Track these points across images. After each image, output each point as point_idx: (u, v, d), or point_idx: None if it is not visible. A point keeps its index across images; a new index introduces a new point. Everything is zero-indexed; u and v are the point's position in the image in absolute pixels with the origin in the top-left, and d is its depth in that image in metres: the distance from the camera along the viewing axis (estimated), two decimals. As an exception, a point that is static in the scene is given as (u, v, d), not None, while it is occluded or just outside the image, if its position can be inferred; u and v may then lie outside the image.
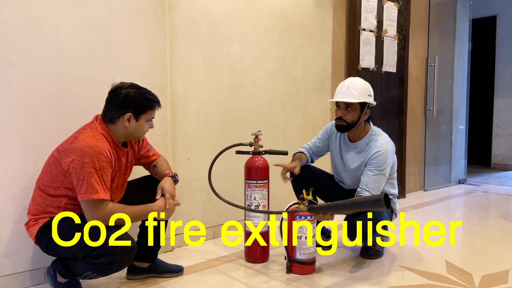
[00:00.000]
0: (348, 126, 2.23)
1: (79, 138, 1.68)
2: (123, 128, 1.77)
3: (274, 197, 2.66)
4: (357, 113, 2.20)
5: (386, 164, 2.17)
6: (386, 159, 2.17)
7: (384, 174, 2.17)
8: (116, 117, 1.75)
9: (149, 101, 1.78)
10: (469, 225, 3.12)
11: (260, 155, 2.28)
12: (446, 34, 4.53)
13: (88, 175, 1.62)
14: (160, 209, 1.82)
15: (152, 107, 1.81)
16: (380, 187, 2.16)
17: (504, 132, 5.85)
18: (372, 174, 2.15)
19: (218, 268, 2.22)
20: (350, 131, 2.28)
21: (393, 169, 2.33)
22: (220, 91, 2.72)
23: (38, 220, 1.74)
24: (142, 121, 1.79)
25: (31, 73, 1.91)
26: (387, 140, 2.25)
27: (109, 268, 1.68)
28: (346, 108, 2.20)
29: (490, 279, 2.07)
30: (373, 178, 2.15)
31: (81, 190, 1.63)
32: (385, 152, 2.18)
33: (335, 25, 3.42)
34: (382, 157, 2.16)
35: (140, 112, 1.77)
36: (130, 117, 1.75)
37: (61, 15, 1.98)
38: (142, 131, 1.83)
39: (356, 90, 2.17)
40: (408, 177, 4.15)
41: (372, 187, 2.13)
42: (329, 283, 2.02)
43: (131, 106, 1.75)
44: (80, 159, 1.62)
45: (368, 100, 2.20)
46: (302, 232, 2.08)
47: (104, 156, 1.67)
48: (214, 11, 2.64)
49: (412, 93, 4.15)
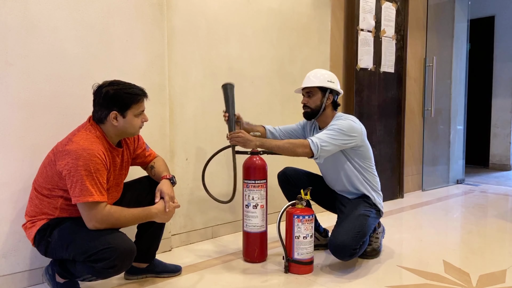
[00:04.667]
0: (313, 112, 2.28)
1: (74, 140, 1.67)
2: (113, 127, 1.75)
3: (272, 197, 2.67)
4: (318, 98, 2.26)
5: (341, 128, 2.14)
6: (343, 125, 2.16)
7: (333, 129, 2.14)
8: (103, 117, 1.73)
9: (130, 95, 1.73)
10: (467, 225, 3.13)
11: (258, 155, 2.28)
12: (444, 34, 4.53)
13: (82, 178, 1.60)
14: (160, 212, 1.80)
15: (136, 101, 1.75)
16: (325, 138, 2.11)
17: (502, 132, 5.86)
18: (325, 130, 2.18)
19: (216, 268, 2.23)
20: (319, 119, 2.31)
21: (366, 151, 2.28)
22: (218, 91, 2.71)
23: (35, 222, 1.73)
24: (130, 117, 1.75)
25: (29, 73, 1.91)
26: (352, 117, 2.27)
27: (108, 272, 1.67)
28: (307, 95, 2.28)
29: (488, 278, 2.07)
30: (324, 132, 2.16)
31: (75, 192, 1.61)
32: (344, 120, 2.19)
33: (333, 25, 3.42)
34: (339, 121, 2.19)
35: (125, 108, 1.73)
36: (116, 115, 1.72)
37: (59, 15, 1.98)
38: (133, 126, 1.79)
39: (315, 78, 2.28)
40: (406, 177, 4.15)
41: (318, 136, 2.13)
42: (327, 283, 2.02)
43: (114, 104, 1.71)
44: (74, 162, 1.61)
45: (329, 85, 2.25)
46: (300, 232, 2.09)
47: (98, 158, 1.65)
48: (212, 11, 2.64)
49: (410, 93, 4.16)
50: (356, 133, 2.19)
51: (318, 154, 2.10)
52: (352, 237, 2.08)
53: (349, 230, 2.11)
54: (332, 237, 2.14)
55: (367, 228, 2.18)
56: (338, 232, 2.14)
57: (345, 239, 2.08)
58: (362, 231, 2.13)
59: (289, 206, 2.16)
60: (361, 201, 2.29)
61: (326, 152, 2.12)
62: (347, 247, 2.07)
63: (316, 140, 2.10)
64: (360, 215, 2.19)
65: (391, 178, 3.86)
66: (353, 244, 2.08)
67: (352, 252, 2.09)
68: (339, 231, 2.14)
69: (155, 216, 1.80)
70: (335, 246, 2.10)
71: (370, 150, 2.33)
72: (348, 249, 2.07)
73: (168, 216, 1.86)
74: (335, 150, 2.17)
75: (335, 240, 2.10)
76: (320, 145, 2.09)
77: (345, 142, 2.16)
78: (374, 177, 2.35)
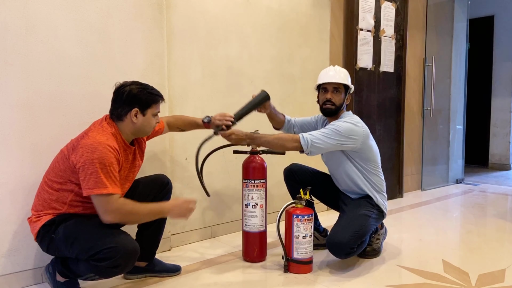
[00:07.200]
0: (336, 109, 2.25)
1: (89, 135, 1.71)
2: (131, 124, 1.81)
3: (272, 197, 2.67)
4: (342, 95, 2.26)
5: (338, 128, 2.12)
6: (342, 126, 2.14)
7: (330, 129, 2.12)
8: (124, 114, 1.79)
9: (152, 95, 1.83)
10: (466, 224, 3.13)
11: (257, 155, 2.28)
12: (443, 34, 4.54)
13: (97, 170, 1.63)
14: (174, 208, 1.83)
15: (156, 101, 1.85)
16: (319, 136, 2.10)
17: (502, 132, 5.86)
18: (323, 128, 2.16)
19: (215, 267, 2.23)
20: (331, 118, 2.29)
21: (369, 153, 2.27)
22: (217, 90, 2.72)
23: (41, 216, 1.74)
24: (149, 115, 1.83)
25: (28, 72, 1.91)
26: (356, 118, 2.25)
27: (112, 272, 1.68)
28: (334, 91, 2.24)
29: (487, 278, 2.08)
30: (320, 130, 2.14)
31: (89, 184, 1.63)
32: (347, 122, 2.17)
33: (333, 25, 3.43)
34: (339, 122, 2.17)
35: (145, 107, 1.81)
36: (137, 112, 1.79)
37: (58, 14, 1.98)
38: (150, 125, 1.86)
39: (342, 74, 2.27)
40: (406, 177, 4.15)
41: (312, 132, 2.11)
42: (326, 282, 2.02)
43: (136, 102, 1.79)
44: (89, 155, 1.64)
45: (350, 85, 2.28)
46: (300, 232, 2.09)
47: (112, 153, 1.69)
48: (211, 11, 2.64)
49: (410, 93, 4.16)
50: (355, 136, 2.16)
51: (309, 149, 2.09)
52: (349, 236, 2.08)
53: (348, 228, 2.11)
54: (330, 235, 2.14)
55: (367, 228, 2.18)
56: (336, 230, 2.14)
57: (343, 237, 2.08)
58: (361, 231, 2.13)
59: (288, 205, 2.16)
60: (363, 201, 2.29)
61: (317, 148, 2.10)
62: (344, 246, 2.08)
63: (307, 135, 2.09)
64: (361, 215, 2.20)
65: (391, 178, 3.86)
66: (350, 243, 2.08)
67: (349, 251, 2.09)
68: (338, 229, 2.15)
69: (169, 211, 1.82)
70: (332, 244, 2.10)
71: (375, 152, 2.31)
72: (345, 247, 2.08)
73: (183, 211, 1.83)
74: (330, 149, 2.16)
75: (332, 238, 2.11)
76: (310, 141, 2.08)
77: (341, 142, 2.14)
78: (379, 179, 2.33)
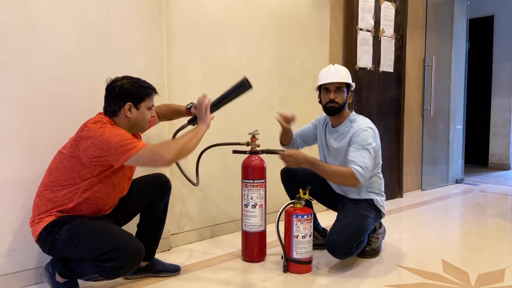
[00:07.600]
0: (339, 108, 2.25)
1: (90, 127, 1.68)
2: (126, 119, 1.79)
3: (271, 197, 2.67)
4: (344, 94, 2.26)
5: (369, 141, 2.13)
6: (369, 137, 2.15)
7: (368, 150, 2.12)
8: (117, 109, 1.77)
9: (144, 88, 1.81)
10: (466, 224, 3.13)
11: (257, 155, 2.28)
12: (443, 34, 4.54)
13: (113, 142, 1.60)
14: (208, 127, 1.89)
15: (149, 94, 1.83)
16: (367, 161, 2.09)
17: (501, 132, 5.87)
18: (356, 149, 2.14)
19: (215, 267, 2.23)
20: (334, 117, 2.30)
21: (378, 155, 2.29)
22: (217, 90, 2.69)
23: (43, 218, 1.71)
24: (143, 109, 1.82)
25: (28, 72, 1.91)
26: (368, 121, 2.26)
27: (117, 273, 1.67)
28: (336, 91, 2.24)
29: (486, 278, 2.07)
30: (358, 153, 2.12)
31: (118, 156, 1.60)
32: (367, 130, 2.17)
33: (332, 25, 3.43)
34: (364, 134, 2.16)
35: (139, 101, 1.79)
36: (131, 106, 1.78)
37: (58, 14, 1.98)
38: (146, 119, 1.85)
39: (344, 72, 2.27)
40: (406, 177, 4.15)
41: (360, 160, 2.08)
42: (325, 282, 2.02)
43: (129, 96, 1.77)
44: (99, 136, 1.62)
45: (352, 83, 2.29)
46: (299, 231, 2.09)
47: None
48: (211, 11, 2.64)
49: (410, 93, 4.16)
50: (376, 138, 2.20)
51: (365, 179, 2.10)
52: (348, 236, 2.08)
53: (346, 229, 2.11)
54: (328, 235, 2.14)
55: (365, 229, 2.18)
56: (334, 230, 2.14)
57: (341, 237, 2.08)
58: (359, 231, 2.14)
59: (288, 205, 2.16)
60: (361, 201, 2.28)
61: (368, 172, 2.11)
62: (342, 246, 2.08)
63: (357, 168, 2.05)
64: (359, 215, 2.20)
65: (390, 178, 3.86)
66: (349, 243, 2.08)
67: (348, 251, 2.10)
68: (336, 229, 2.15)
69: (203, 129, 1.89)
70: (330, 244, 2.10)
71: (379, 152, 2.31)
72: (343, 247, 2.08)
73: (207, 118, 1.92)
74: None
75: (330, 238, 2.11)
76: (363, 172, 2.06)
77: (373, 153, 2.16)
78: (378, 180, 2.33)
